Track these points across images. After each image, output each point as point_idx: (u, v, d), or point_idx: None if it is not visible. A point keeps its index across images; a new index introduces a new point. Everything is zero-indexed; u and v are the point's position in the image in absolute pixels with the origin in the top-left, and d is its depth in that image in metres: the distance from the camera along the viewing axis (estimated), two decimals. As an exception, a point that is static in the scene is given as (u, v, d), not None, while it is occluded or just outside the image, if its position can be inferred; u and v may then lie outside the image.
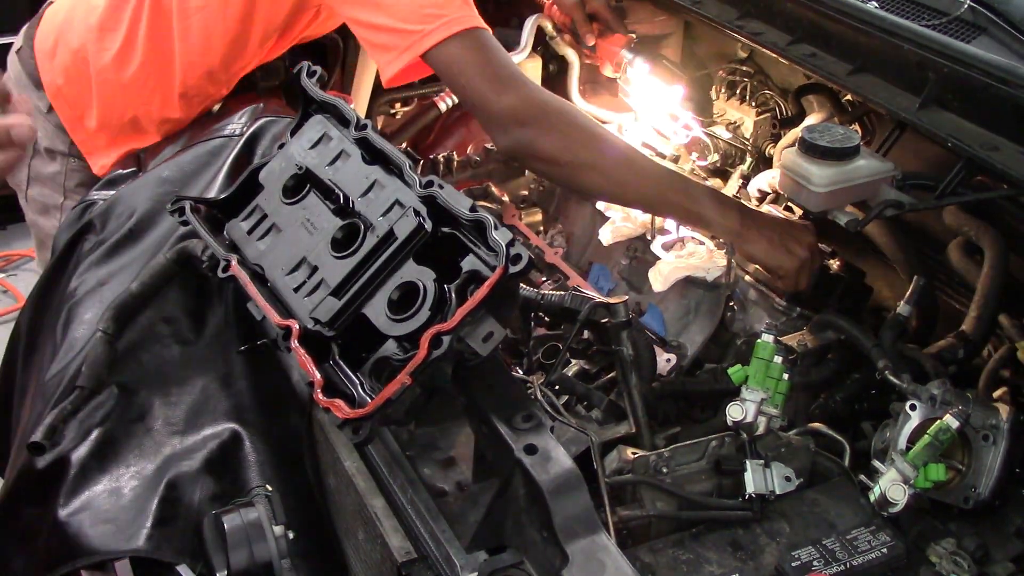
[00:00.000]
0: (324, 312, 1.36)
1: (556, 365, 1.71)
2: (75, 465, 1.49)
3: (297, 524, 1.37)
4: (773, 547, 1.42)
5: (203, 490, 1.46)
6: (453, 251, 1.38)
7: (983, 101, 1.56)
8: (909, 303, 1.75)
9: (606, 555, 1.15)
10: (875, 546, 1.42)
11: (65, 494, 1.45)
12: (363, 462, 1.42)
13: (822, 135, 1.72)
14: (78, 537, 1.40)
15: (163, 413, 1.58)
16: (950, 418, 1.44)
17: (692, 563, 1.39)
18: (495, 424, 1.27)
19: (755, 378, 1.55)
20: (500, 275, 1.25)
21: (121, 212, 1.95)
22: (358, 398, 1.32)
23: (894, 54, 1.68)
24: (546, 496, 1.17)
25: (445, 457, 1.46)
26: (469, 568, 1.22)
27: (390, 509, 1.35)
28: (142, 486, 1.46)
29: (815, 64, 1.84)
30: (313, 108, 1.63)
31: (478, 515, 1.32)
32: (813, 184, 1.70)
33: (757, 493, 1.47)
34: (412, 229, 1.35)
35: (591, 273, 2.26)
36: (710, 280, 2.01)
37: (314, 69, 1.63)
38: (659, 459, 1.50)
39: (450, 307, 1.30)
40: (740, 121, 2.41)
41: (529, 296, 1.74)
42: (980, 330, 1.74)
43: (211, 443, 1.52)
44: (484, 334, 1.28)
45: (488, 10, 2.96)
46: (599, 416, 1.69)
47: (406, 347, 1.32)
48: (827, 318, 1.79)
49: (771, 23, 1.96)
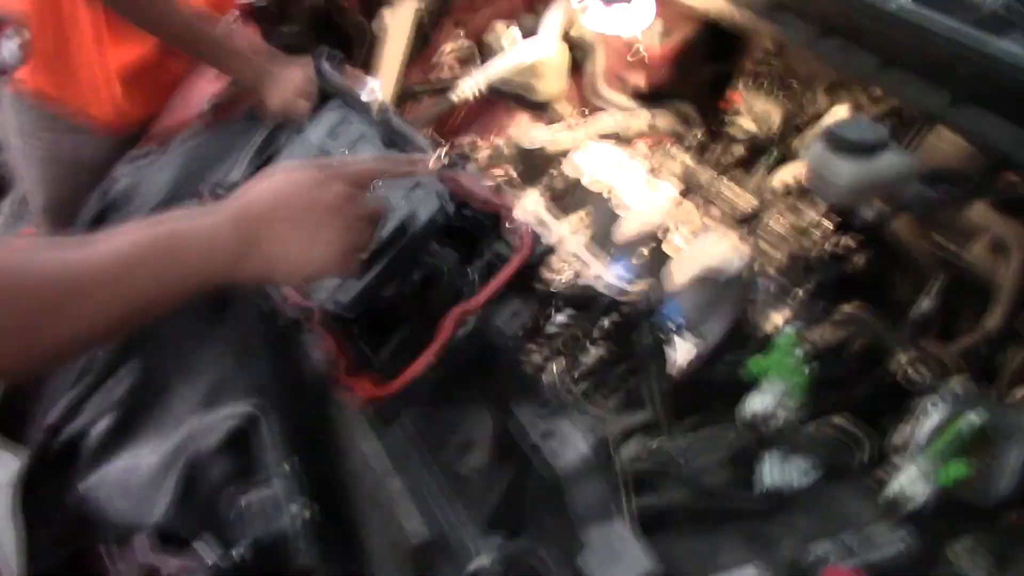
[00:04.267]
0: (345, 293, 1.37)
1: (575, 352, 1.71)
2: (95, 440, 1.51)
3: (314, 503, 1.37)
4: (790, 540, 1.41)
5: (221, 468, 1.47)
6: (475, 234, 1.38)
7: (1016, 98, 1.54)
8: (932, 299, 1.74)
9: (622, 543, 1.15)
10: (893, 541, 1.41)
11: (85, 469, 1.47)
12: (381, 444, 1.43)
13: (849, 129, 1.70)
14: (97, 511, 1.42)
15: (182, 391, 1.59)
16: (972, 415, 1.43)
17: (708, 553, 1.38)
18: (513, 409, 1.27)
19: (775, 370, 1.55)
20: (525, 256, 1.25)
21: (146, 191, 1.97)
22: (380, 379, 1.32)
23: (925, 49, 1.67)
24: (563, 482, 1.17)
25: (463, 441, 1.47)
26: (485, 552, 1.22)
27: (407, 491, 1.36)
28: (161, 462, 1.47)
29: (844, 58, 1.82)
30: (332, 92, 1.64)
31: (494, 499, 1.33)
32: (838, 178, 1.69)
33: (775, 485, 1.46)
34: (434, 212, 1.35)
35: (611, 263, 2.25)
36: (731, 272, 2.00)
37: (333, 54, 1.63)
38: (677, 449, 1.50)
39: (472, 289, 1.31)
40: (766, 113, 2.39)
41: (549, 283, 1.74)
42: (1003, 328, 1.72)
43: (230, 421, 1.53)
44: (508, 314, 1.28)
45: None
46: (617, 404, 1.69)
47: (428, 329, 1.33)
48: (850, 312, 1.78)
49: (800, 16, 1.94)
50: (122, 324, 1.08)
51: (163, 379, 1.59)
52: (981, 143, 1.57)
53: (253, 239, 1.15)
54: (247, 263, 1.15)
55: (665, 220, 2.17)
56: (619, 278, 2.11)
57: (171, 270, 1.10)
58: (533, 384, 1.32)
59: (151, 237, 1.10)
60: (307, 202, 1.18)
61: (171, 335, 1.66)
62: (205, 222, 1.14)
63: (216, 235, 1.14)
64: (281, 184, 1.20)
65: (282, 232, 1.16)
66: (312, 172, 1.21)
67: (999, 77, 1.55)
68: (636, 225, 2.20)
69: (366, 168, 1.27)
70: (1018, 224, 1.78)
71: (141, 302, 1.08)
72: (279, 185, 1.19)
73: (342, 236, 1.20)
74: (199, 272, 1.13)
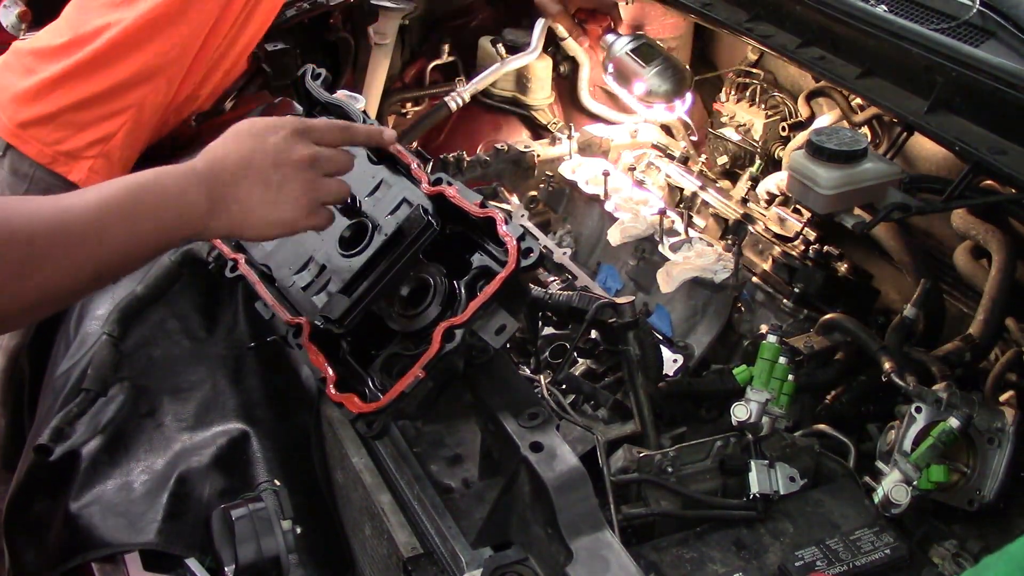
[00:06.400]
0: (333, 310, 1.37)
1: (563, 364, 1.72)
2: (86, 459, 1.51)
3: (304, 519, 1.38)
4: (777, 547, 1.42)
5: (212, 485, 1.48)
6: (462, 248, 1.39)
7: (991, 105, 1.56)
8: (916, 306, 1.76)
9: (610, 552, 1.15)
10: (878, 547, 1.42)
11: (76, 488, 1.47)
12: (371, 458, 1.44)
13: (830, 138, 1.72)
14: (89, 530, 1.42)
15: (173, 409, 1.59)
16: (952, 420, 1.45)
17: (696, 561, 1.39)
18: (502, 422, 1.28)
19: (760, 379, 1.56)
20: (513, 268, 1.26)
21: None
22: (370, 393, 1.33)
23: (903, 58, 1.69)
24: (551, 493, 1.18)
25: (452, 454, 1.48)
26: (474, 564, 1.23)
27: (397, 505, 1.37)
28: (152, 480, 1.48)
29: (824, 67, 1.84)
30: (318, 110, 1.64)
31: (484, 512, 1.34)
32: (820, 186, 1.71)
33: (761, 493, 1.47)
34: (420, 226, 1.35)
35: (599, 273, 2.27)
36: (718, 281, 2.01)
37: (319, 71, 1.64)
38: (664, 458, 1.51)
39: (460, 302, 1.32)
40: (749, 123, 2.42)
41: (537, 295, 1.75)
42: (987, 333, 1.74)
43: (220, 439, 1.54)
44: (496, 327, 1.29)
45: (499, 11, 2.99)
46: (605, 415, 1.70)
47: (417, 343, 1.33)
48: (834, 320, 1.80)
49: (780, 26, 1.96)
50: (97, 278, 1.12)
51: (154, 398, 1.59)
52: (958, 150, 1.58)
53: (221, 196, 1.18)
54: (216, 219, 1.19)
55: (653, 230, 2.19)
56: (607, 289, 2.13)
57: (143, 226, 1.13)
58: (522, 396, 1.33)
59: (123, 193, 1.13)
60: (273, 159, 1.21)
61: (161, 354, 1.67)
62: (175, 179, 1.17)
63: (186, 192, 1.16)
64: (247, 141, 1.22)
65: (249, 189, 1.20)
66: (278, 128, 1.23)
67: (976, 85, 1.58)
68: (624, 235, 2.21)
69: (331, 125, 1.31)
70: (998, 229, 1.80)
71: (114, 256, 1.12)
72: (245, 142, 1.22)
73: (308, 191, 1.23)
74: (171, 228, 1.16)
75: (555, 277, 2.05)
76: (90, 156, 2.05)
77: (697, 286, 2.05)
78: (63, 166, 2.05)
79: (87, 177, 2.05)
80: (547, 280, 2.04)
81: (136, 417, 1.58)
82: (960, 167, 1.70)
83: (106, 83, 2.01)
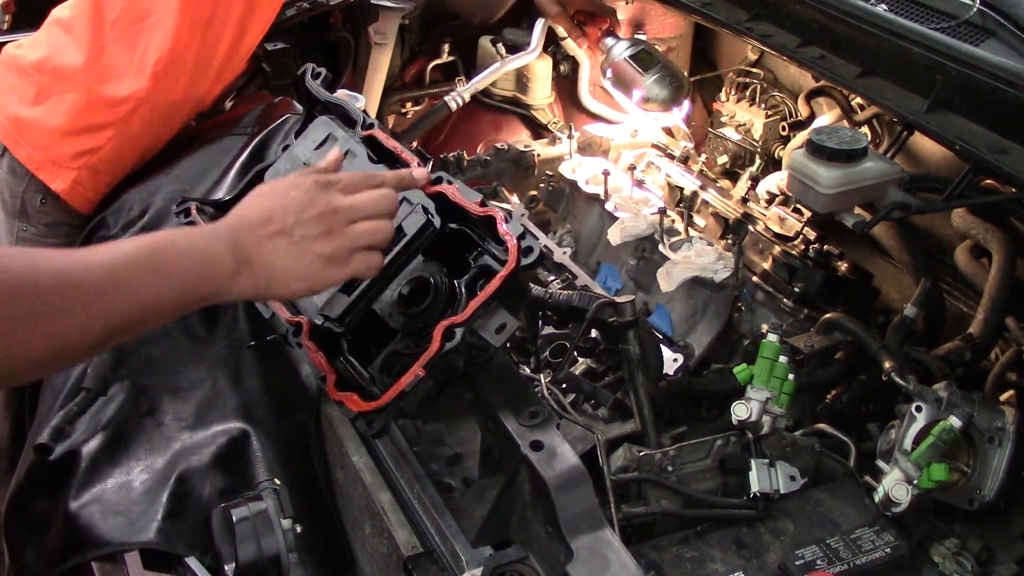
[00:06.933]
0: (333, 309, 1.37)
1: (563, 363, 1.72)
2: (86, 458, 1.51)
3: (305, 518, 1.38)
4: (777, 546, 1.42)
5: (212, 484, 1.48)
6: (462, 246, 1.39)
7: (991, 104, 1.56)
8: (916, 305, 1.76)
9: (611, 551, 1.15)
10: (879, 546, 1.42)
11: (76, 487, 1.47)
12: (371, 457, 1.44)
13: (830, 137, 1.72)
14: (89, 529, 1.42)
15: (173, 408, 1.59)
16: (953, 419, 1.45)
17: (696, 561, 1.39)
18: (502, 421, 1.28)
19: (760, 378, 1.56)
20: (513, 267, 1.26)
21: (134, 208, 1.97)
22: (370, 392, 1.33)
23: (903, 57, 1.69)
24: (551, 492, 1.18)
25: (452, 453, 1.48)
26: (475, 563, 1.23)
27: (397, 504, 1.37)
28: (152, 479, 1.48)
29: (824, 67, 1.84)
30: (318, 109, 1.64)
31: (484, 510, 1.34)
32: (820, 186, 1.71)
33: (762, 492, 1.47)
34: (420, 226, 1.36)
35: (599, 273, 2.27)
36: (718, 281, 2.01)
37: (318, 71, 1.64)
38: (664, 457, 1.51)
39: (460, 301, 1.32)
40: (750, 123, 2.42)
41: (537, 295, 1.75)
42: (987, 333, 1.74)
43: (220, 438, 1.53)
44: (496, 326, 1.29)
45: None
46: (605, 414, 1.70)
47: (417, 342, 1.33)
48: (834, 319, 1.80)
49: (780, 25, 1.96)
50: (111, 335, 1.08)
51: (154, 397, 1.59)
52: (958, 149, 1.58)
53: (244, 254, 1.16)
54: (240, 277, 1.16)
55: (653, 229, 2.19)
56: (607, 288, 2.13)
57: (164, 285, 1.10)
58: (522, 395, 1.32)
59: (145, 252, 1.10)
60: (295, 215, 1.18)
61: (161, 353, 1.67)
62: (199, 240, 1.15)
63: (210, 253, 1.14)
64: (268, 199, 1.20)
65: (273, 246, 1.17)
66: (298, 184, 1.21)
67: (976, 84, 1.58)
68: (624, 234, 2.21)
69: (353, 175, 1.27)
70: (998, 229, 1.80)
71: (132, 314, 1.08)
72: (267, 200, 1.20)
73: (334, 241, 1.19)
74: (193, 288, 1.13)
75: (555, 276, 2.05)
76: (75, 167, 2.02)
77: (697, 285, 2.04)
78: (48, 174, 2.03)
79: (70, 188, 2.03)
80: (547, 279, 2.04)
81: (136, 416, 1.57)
82: (960, 166, 1.70)
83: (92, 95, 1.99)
